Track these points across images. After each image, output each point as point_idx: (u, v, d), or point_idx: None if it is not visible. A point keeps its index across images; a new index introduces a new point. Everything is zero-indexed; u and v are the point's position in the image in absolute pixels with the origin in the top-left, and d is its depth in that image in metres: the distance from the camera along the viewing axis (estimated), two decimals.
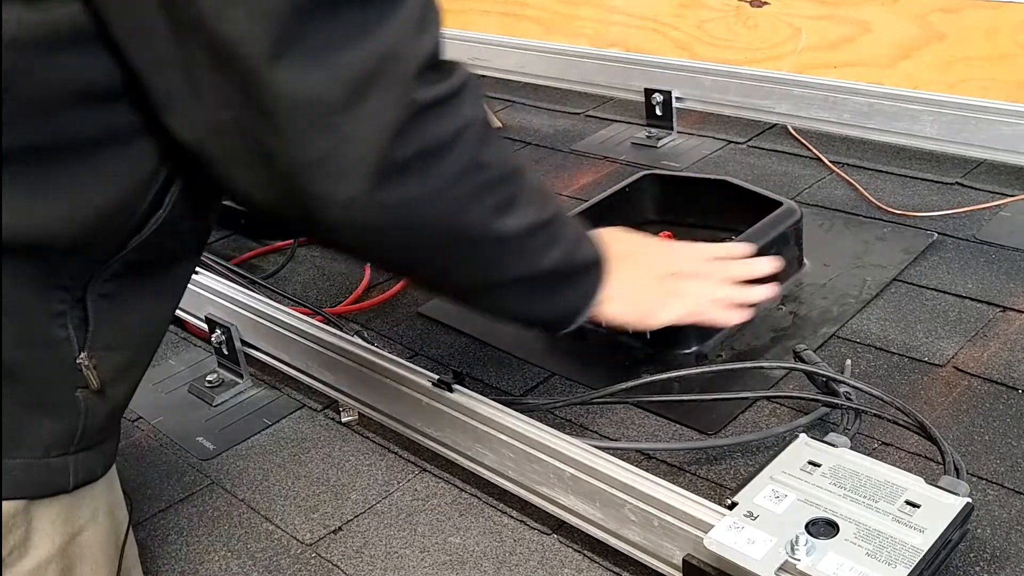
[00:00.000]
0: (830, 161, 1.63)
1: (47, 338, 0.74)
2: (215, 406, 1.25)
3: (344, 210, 0.72)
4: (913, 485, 0.88)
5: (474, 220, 0.81)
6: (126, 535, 0.89)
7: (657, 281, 1.05)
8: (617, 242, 1.00)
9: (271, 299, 1.31)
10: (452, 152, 0.76)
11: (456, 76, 0.76)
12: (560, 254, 0.89)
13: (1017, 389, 1.10)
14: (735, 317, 1.09)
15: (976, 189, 1.49)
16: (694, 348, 1.23)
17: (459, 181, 0.78)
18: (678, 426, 1.11)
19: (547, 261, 0.88)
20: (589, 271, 0.94)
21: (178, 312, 1.40)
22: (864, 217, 1.47)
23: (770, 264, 1.12)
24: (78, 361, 0.75)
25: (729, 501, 0.88)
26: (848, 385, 1.05)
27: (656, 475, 0.92)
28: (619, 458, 0.95)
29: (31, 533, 0.76)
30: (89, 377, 0.76)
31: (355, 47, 0.69)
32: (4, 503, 0.73)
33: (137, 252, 0.76)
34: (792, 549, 0.82)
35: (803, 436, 0.95)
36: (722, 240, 1.34)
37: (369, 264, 0.98)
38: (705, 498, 0.89)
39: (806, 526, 0.84)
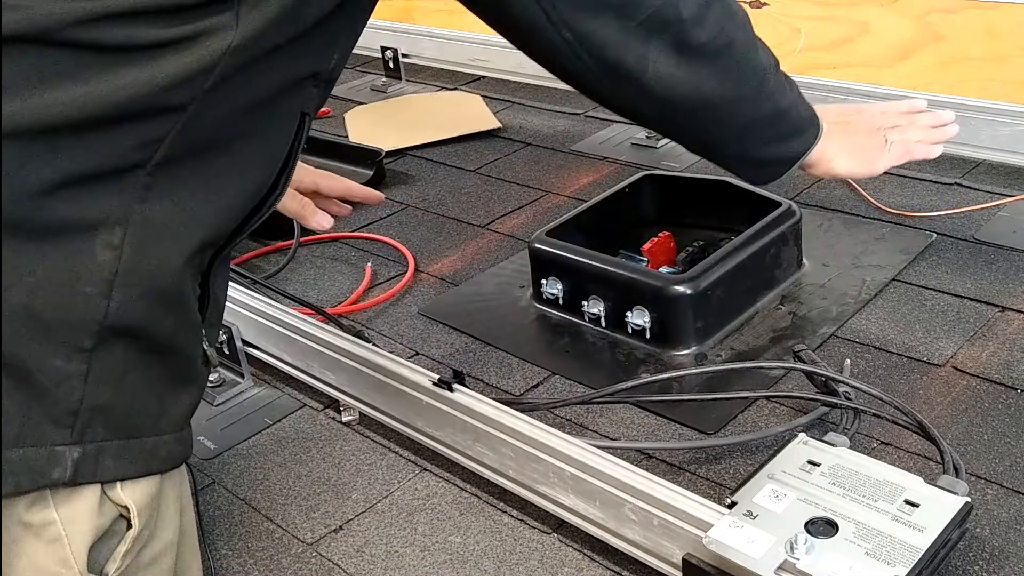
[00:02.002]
0: None
1: (193, 319, 0.78)
2: (216, 406, 1.26)
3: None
4: (912, 484, 0.88)
5: (740, 43, 0.99)
6: (200, 525, 0.93)
7: (870, 137, 1.18)
8: (828, 111, 1.14)
9: (271, 299, 1.31)
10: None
11: None
12: (792, 98, 1.05)
13: (1016, 389, 1.10)
14: (935, 151, 1.23)
15: (975, 189, 1.50)
16: (694, 348, 1.23)
17: (731, 17, 0.98)
18: (678, 426, 1.12)
19: (784, 101, 1.05)
20: (810, 122, 1.08)
21: None
22: (863, 217, 1.47)
23: (950, 114, 1.26)
24: (202, 339, 0.80)
25: (729, 500, 0.88)
26: (847, 385, 1.05)
27: (656, 474, 0.93)
28: (619, 458, 0.95)
29: (160, 515, 0.79)
30: (210, 353, 0.82)
31: None
32: (141, 491, 0.75)
33: (249, 235, 0.82)
34: (791, 548, 0.82)
35: (802, 435, 0.96)
36: (722, 240, 1.34)
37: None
38: (705, 497, 0.90)
39: (805, 525, 0.84)
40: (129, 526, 0.75)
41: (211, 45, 0.70)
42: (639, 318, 1.23)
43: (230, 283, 1.32)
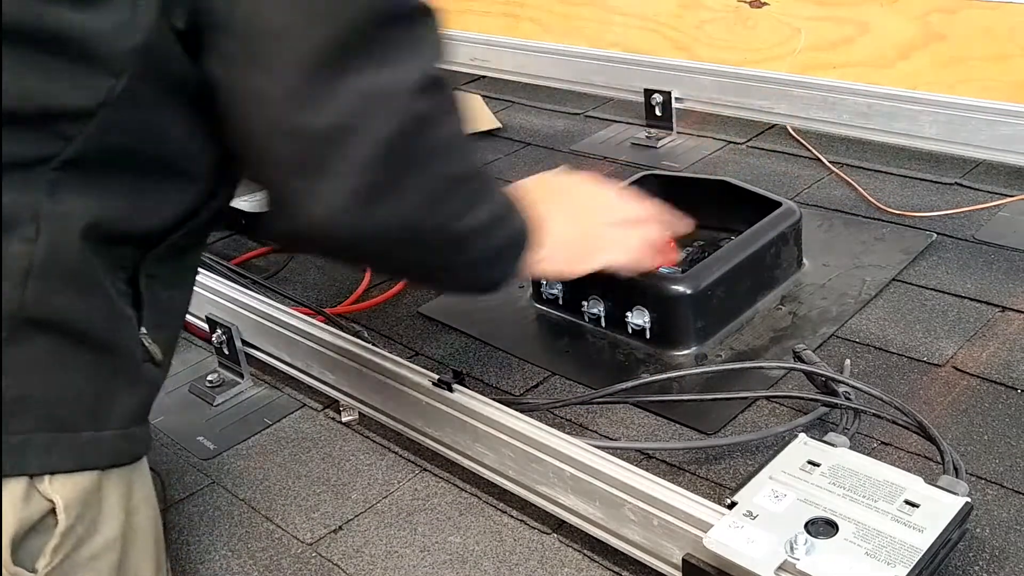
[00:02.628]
0: (829, 161, 1.63)
1: (122, 315, 0.79)
2: (216, 406, 1.26)
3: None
4: (912, 485, 0.88)
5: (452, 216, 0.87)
6: (163, 520, 0.93)
7: (586, 233, 1.09)
8: (548, 194, 1.05)
9: (271, 299, 1.31)
10: (434, 162, 0.83)
11: (445, 93, 0.83)
12: (506, 233, 0.94)
13: (1016, 389, 1.10)
14: (660, 259, 1.17)
15: (975, 189, 1.50)
16: (694, 348, 1.23)
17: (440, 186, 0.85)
18: (678, 426, 1.11)
19: (497, 241, 0.93)
20: (524, 241, 0.98)
21: None
22: (863, 217, 1.47)
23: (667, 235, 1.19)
24: (141, 337, 0.81)
25: (729, 500, 0.88)
26: (847, 385, 1.05)
27: (656, 475, 0.93)
28: (619, 458, 0.95)
29: (101, 511, 0.79)
30: (152, 351, 0.82)
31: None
32: (72, 487, 0.76)
33: (185, 237, 0.82)
34: (791, 548, 0.82)
35: (802, 436, 0.96)
36: (722, 240, 1.34)
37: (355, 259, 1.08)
38: (705, 497, 0.90)
39: (805, 525, 0.84)
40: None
41: (113, 45, 0.71)
42: (639, 318, 1.23)
43: (231, 283, 1.33)
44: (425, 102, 0.80)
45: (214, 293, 1.33)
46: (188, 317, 1.37)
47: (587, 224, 1.09)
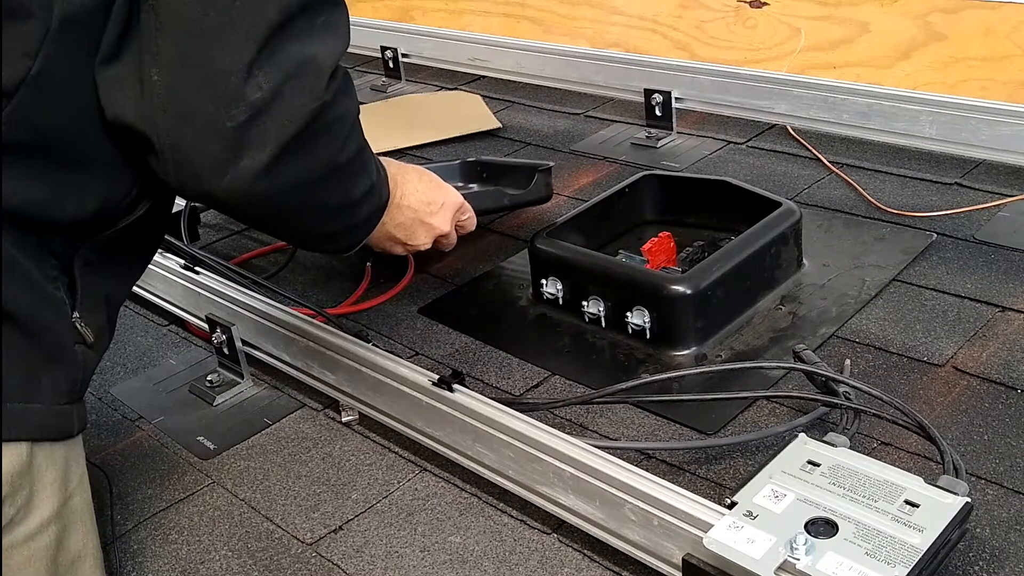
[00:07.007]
0: (829, 161, 1.63)
1: (50, 297, 0.83)
2: (215, 406, 1.26)
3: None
4: (912, 485, 0.88)
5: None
6: (111, 507, 0.99)
7: (406, 224, 1.25)
8: (402, 178, 1.21)
9: (271, 299, 1.31)
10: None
11: (347, 75, 0.93)
12: (374, 203, 1.07)
13: (1016, 389, 1.10)
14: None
15: (975, 189, 1.50)
16: (694, 348, 1.23)
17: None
18: (678, 426, 1.12)
19: (367, 210, 1.05)
20: (383, 211, 1.11)
21: (178, 312, 1.41)
22: (863, 217, 1.47)
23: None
24: (73, 319, 0.85)
25: (728, 500, 0.88)
26: (847, 385, 1.05)
27: (656, 475, 0.93)
28: (619, 458, 0.95)
29: (34, 494, 0.81)
30: (85, 333, 0.86)
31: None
32: (10, 458, 0.78)
33: (123, 231, 0.87)
34: (791, 548, 0.82)
35: (802, 436, 0.96)
36: (722, 240, 1.34)
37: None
38: (705, 497, 0.90)
39: (805, 525, 0.84)
40: None
41: (34, 17, 0.74)
42: (639, 318, 1.23)
43: (231, 283, 1.34)
44: (335, 83, 0.88)
45: (213, 293, 1.33)
46: (188, 317, 1.39)
47: (413, 216, 1.25)
